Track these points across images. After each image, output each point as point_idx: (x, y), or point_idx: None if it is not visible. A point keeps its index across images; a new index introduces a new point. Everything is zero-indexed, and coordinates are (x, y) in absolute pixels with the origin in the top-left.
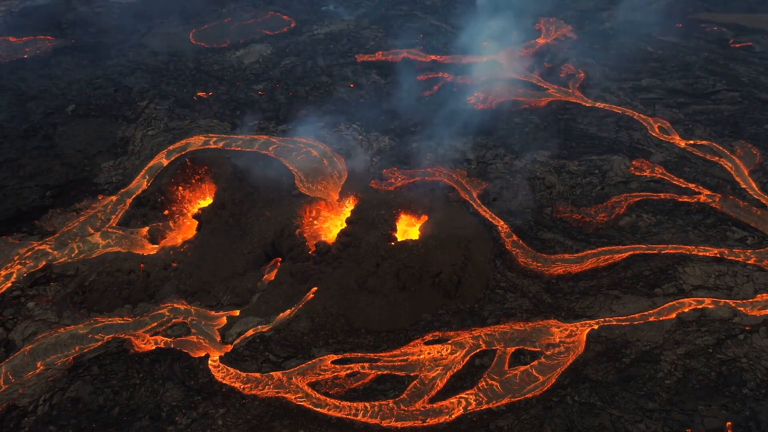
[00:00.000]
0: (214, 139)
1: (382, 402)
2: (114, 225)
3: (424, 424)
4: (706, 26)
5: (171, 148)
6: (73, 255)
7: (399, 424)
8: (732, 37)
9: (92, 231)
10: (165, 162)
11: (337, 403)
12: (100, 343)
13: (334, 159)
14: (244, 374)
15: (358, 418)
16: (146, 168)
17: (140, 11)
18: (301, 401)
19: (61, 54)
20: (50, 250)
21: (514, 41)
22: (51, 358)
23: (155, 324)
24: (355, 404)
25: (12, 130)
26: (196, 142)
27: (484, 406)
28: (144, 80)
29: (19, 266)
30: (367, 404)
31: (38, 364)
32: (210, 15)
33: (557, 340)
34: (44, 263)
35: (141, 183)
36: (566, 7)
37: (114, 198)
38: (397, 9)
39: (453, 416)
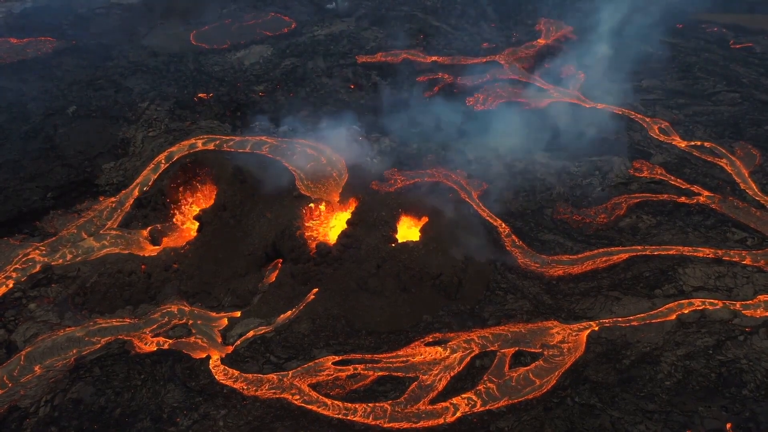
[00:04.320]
0: (203, 140)
1: (383, 403)
2: (114, 226)
3: (425, 426)
4: (707, 27)
5: (158, 158)
6: (68, 258)
7: (399, 425)
8: (732, 37)
9: (86, 236)
10: (153, 177)
11: (338, 405)
12: (99, 345)
13: (335, 160)
14: (244, 375)
15: (359, 419)
16: (147, 169)
17: (141, 12)
18: (301, 402)
19: (61, 55)
20: (39, 258)
21: (515, 42)
22: (53, 359)
23: (156, 325)
24: (355, 405)
25: (13, 131)
26: (181, 149)
27: (485, 408)
28: (145, 81)
29: (17, 267)
30: (367, 405)
31: (36, 368)
32: (210, 16)
33: (557, 341)
34: (38, 269)
35: (141, 184)
36: (567, 8)
37: (114, 199)
38: (397, 10)
39: (453, 418)
